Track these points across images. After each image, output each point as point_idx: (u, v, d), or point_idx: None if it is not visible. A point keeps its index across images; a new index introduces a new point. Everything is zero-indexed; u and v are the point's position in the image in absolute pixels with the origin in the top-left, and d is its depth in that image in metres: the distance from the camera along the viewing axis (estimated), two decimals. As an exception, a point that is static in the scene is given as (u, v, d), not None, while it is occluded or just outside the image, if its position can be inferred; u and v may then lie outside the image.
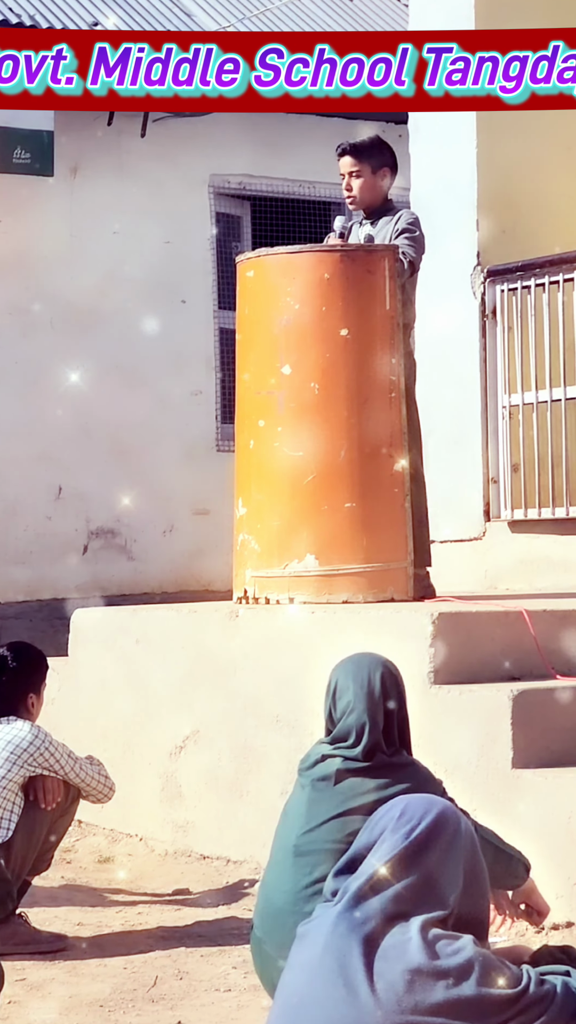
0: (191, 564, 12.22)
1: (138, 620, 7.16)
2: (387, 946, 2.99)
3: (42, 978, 4.99)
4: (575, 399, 7.81)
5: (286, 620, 6.31)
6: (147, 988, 4.86)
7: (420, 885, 3.04)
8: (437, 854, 3.06)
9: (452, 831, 3.10)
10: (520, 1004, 3.01)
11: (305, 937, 3.13)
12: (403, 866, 3.04)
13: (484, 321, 8.24)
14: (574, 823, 5.13)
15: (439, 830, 3.09)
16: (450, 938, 3.00)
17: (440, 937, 3.00)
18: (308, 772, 4.41)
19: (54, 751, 5.45)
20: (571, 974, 3.19)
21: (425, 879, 3.04)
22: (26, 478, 11.71)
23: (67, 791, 5.52)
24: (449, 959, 2.97)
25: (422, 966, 2.96)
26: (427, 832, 3.08)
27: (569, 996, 3.09)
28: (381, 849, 3.09)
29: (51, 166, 11.46)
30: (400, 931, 3.00)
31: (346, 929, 3.03)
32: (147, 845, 6.76)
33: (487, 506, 8.24)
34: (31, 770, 5.41)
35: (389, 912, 3.02)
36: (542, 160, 8.42)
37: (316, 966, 3.04)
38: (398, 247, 6.63)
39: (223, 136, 12.22)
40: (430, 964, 2.96)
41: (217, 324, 12.49)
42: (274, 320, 6.54)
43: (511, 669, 5.85)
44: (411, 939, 2.98)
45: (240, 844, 6.33)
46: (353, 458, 6.42)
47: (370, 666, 4.46)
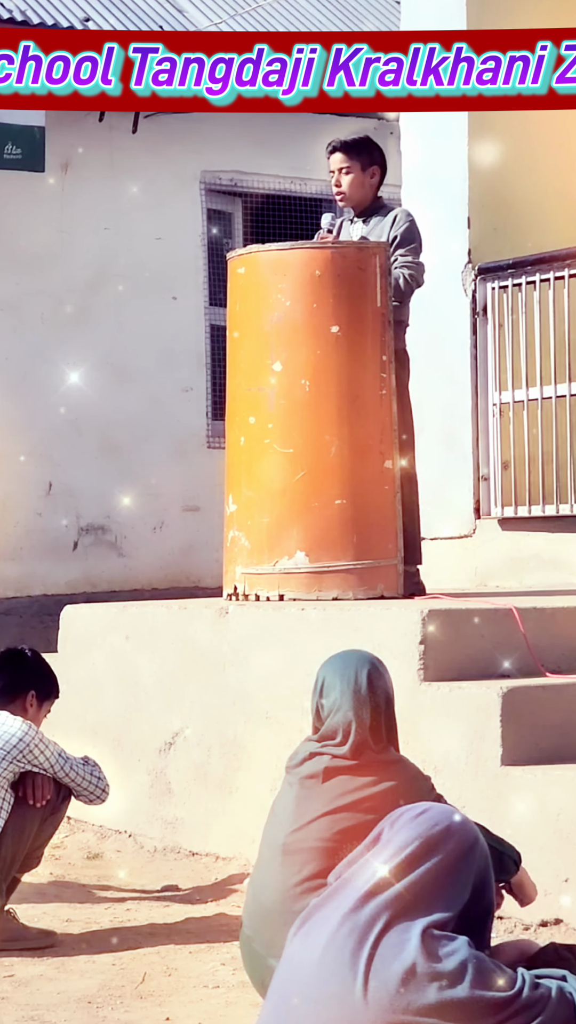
0: (181, 560, 12.22)
1: (128, 616, 7.16)
2: (385, 946, 2.99)
3: (30, 974, 4.99)
4: (565, 397, 7.82)
5: (276, 617, 6.31)
6: (135, 984, 4.85)
7: (426, 888, 3.02)
8: (447, 859, 3.05)
9: (467, 843, 3.08)
10: (513, 1007, 2.99)
11: (307, 936, 3.11)
12: (412, 866, 3.03)
13: (475, 319, 8.25)
14: (563, 820, 5.13)
15: (453, 837, 3.08)
16: (446, 939, 2.99)
17: (436, 938, 2.99)
18: (296, 770, 4.41)
19: (44, 749, 5.45)
20: (567, 978, 3.18)
21: (432, 882, 3.03)
22: (16, 474, 11.70)
23: (58, 789, 5.50)
24: (443, 961, 2.96)
25: (416, 966, 2.95)
26: (440, 836, 3.07)
27: (563, 1001, 3.07)
28: (392, 847, 3.08)
29: (42, 162, 11.45)
30: (400, 931, 3.00)
31: (349, 929, 3.02)
32: (136, 841, 6.76)
33: (477, 503, 8.24)
34: (20, 767, 5.40)
35: (393, 912, 3.01)
36: (533, 158, 8.43)
37: (315, 964, 3.04)
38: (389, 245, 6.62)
39: (214, 133, 12.22)
40: (424, 965, 2.95)
41: (208, 321, 12.48)
42: (265, 317, 6.54)
43: (501, 666, 5.85)
44: (409, 939, 2.98)
45: (229, 841, 6.33)
46: (344, 455, 6.42)
47: (357, 664, 4.46)
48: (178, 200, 12.39)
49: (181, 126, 12.11)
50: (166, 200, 12.25)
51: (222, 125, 12.07)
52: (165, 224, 12.30)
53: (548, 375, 7.84)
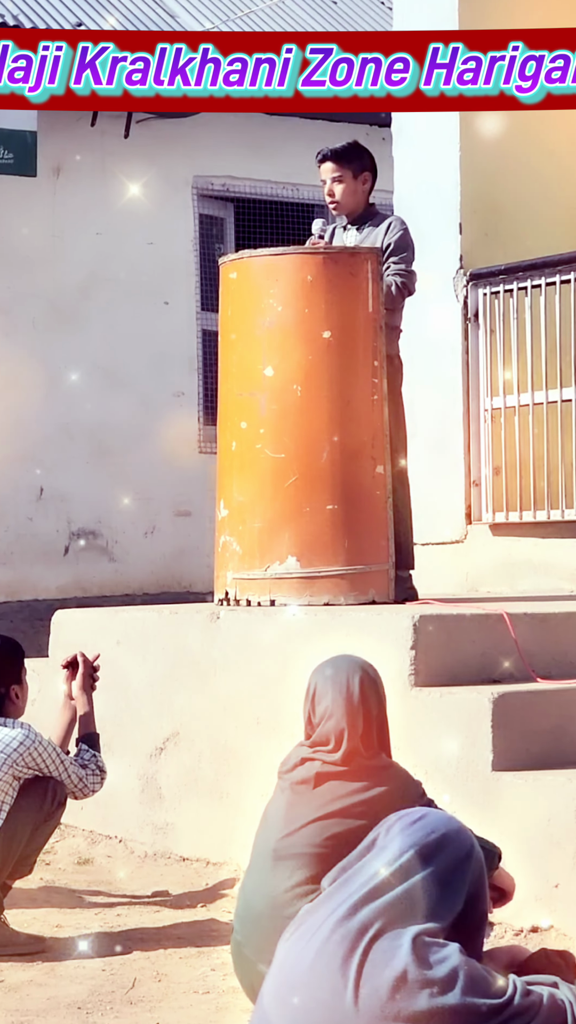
0: (172, 565, 12.22)
1: (119, 621, 7.15)
2: (376, 952, 2.98)
3: (20, 980, 4.98)
4: (557, 402, 7.82)
5: (267, 622, 6.30)
6: (125, 990, 4.85)
7: (420, 897, 3.02)
8: (442, 869, 3.04)
9: (463, 851, 3.07)
10: (504, 1014, 2.98)
11: (300, 941, 3.10)
12: (406, 875, 3.02)
13: (467, 324, 8.25)
14: (553, 826, 5.13)
15: (448, 846, 3.07)
16: (437, 945, 2.99)
17: (427, 945, 2.98)
18: (288, 775, 4.41)
19: (42, 751, 5.44)
20: (559, 985, 3.16)
21: (426, 891, 3.02)
22: (7, 478, 11.70)
23: (52, 797, 5.49)
24: (434, 968, 2.95)
25: (408, 973, 2.94)
26: (436, 844, 3.06)
27: (555, 1008, 3.06)
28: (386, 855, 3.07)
29: (34, 166, 11.46)
30: (392, 938, 2.99)
31: (341, 936, 3.01)
32: (127, 847, 6.75)
33: (469, 509, 8.24)
34: (19, 771, 5.39)
35: (386, 920, 3.00)
36: (525, 163, 8.43)
37: (307, 970, 3.03)
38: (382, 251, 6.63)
39: (206, 138, 12.23)
40: (415, 971, 2.94)
41: (200, 325, 12.49)
42: (257, 322, 6.54)
43: (492, 672, 5.85)
44: (401, 946, 2.97)
45: (220, 846, 6.32)
46: (335, 460, 6.42)
47: (349, 670, 4.45)
48: (170, 205, 12.39)
49: (173, 131, 12.13)
50: (158, 205, 12.25)
51: (214, 130, 12.08)
52: (157, 229, 12.31)
53: (540, 381, 7.84)
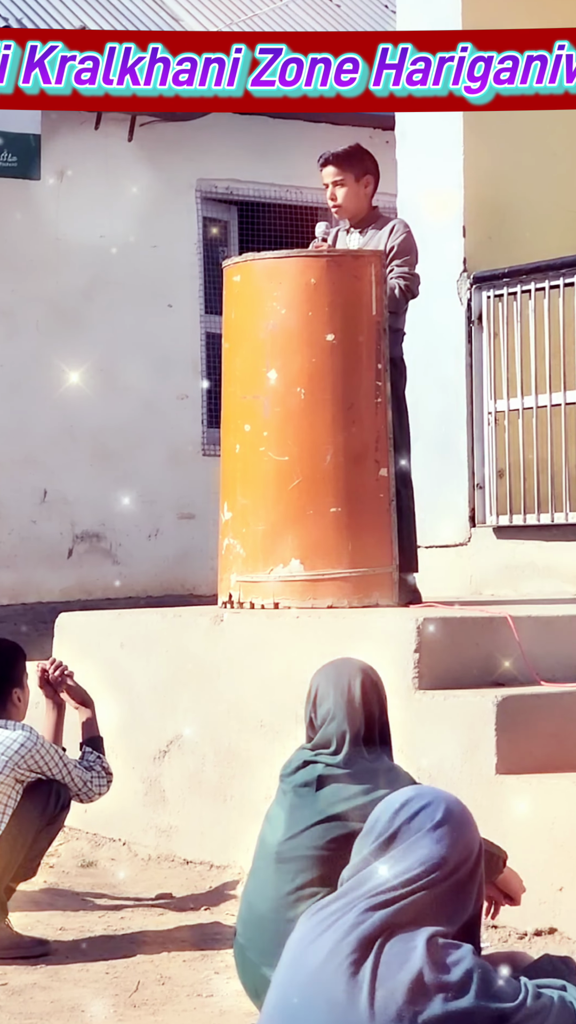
0: (176, 568, 12.21)
1: (122, 624, 7.15)
2: (390, 953, 2.98)
3: (24, 983, 4.98)
4: (560, 405, 7.81)
5: (271, 625, 6.30)
6: (129, 993, 4.84)
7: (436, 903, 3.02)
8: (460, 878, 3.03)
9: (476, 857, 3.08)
10: (516, 1017, 3.00)
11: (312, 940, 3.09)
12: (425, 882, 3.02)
13: (470, 327, 8.24)
14: (558, 829, 5.13)
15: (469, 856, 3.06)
16: (451, 947, 2.99)
17: (442, 947, 2.99)
18: (290, 778, 4.41)
19: (44, 753, 5.44)
20: (567, 988, 3.18)
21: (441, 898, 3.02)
22: (11, 481, 11.70)
23: (56, 800, 5.49)
24: (450, 971, 2.96)
25: (423, 975, 2.95)
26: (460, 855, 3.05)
27: (565, 1010, 3.08)
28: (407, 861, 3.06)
29: (38, 169, 11.46)
30: (405, 939, 2.99)
31: (355, 936, 3.01)
32: (130, 849, 6.75)
33: (472, 512, 8.23)
34: (21, 774, 5.38)
35: (400, 922, 3.01)
36: (528, 166, 8.42)
37: (318, 969, 3.03)
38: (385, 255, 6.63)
39: (210, 141, 12.22)
40: (431, 975, 2.95)
41: (203, 328, 12.49)
42: (260, 325, 6.54)
43: (495, 675, 5.85)
44: (415, 948, 2.97)
45: (223, 849, 6.32)
46: (339, 463, 6.42)
47: (350, 673, 4.45)
48: (174, 208, 12.39)
49: (177, 134, 12.13)
50: (162, 208, 12.25)
51: (218, 133, 12.08)
52: (161, 232, 12.31)
53: (543, 384, 7.83)
